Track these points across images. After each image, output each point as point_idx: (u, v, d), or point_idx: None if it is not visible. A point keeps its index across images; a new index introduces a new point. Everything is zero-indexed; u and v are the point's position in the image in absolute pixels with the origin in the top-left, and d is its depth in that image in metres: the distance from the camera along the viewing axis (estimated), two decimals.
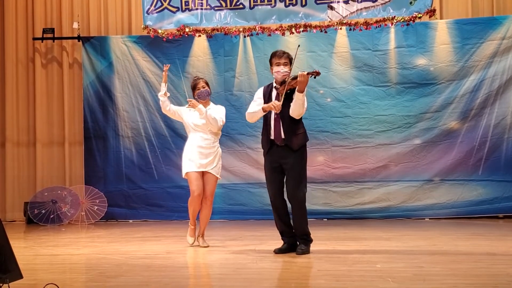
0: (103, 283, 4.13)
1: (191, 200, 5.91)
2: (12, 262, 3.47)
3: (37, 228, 8.56)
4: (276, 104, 5.22)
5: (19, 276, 3.52)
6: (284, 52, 5.40)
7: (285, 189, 5.40)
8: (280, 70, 5.33)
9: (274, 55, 5.42)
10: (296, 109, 5.24)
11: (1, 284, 3.45)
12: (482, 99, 8.73)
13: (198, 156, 5.87)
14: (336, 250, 5.50)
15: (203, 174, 5.91)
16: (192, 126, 6.00)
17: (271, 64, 5.45)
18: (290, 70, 5.36)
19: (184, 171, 5.95)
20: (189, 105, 5.96)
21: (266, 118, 5.41)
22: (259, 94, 5.52)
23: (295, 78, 5.17)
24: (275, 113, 5.30)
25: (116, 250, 5.91)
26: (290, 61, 5.39)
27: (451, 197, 8.74)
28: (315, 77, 5.21)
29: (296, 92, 5.18)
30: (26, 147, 9.77)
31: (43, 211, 8.98)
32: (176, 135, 9.19)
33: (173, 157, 9.13)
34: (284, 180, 5.39)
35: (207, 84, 6.08)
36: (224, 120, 6.06)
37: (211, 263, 5.09)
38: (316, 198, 8.76)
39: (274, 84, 5.42)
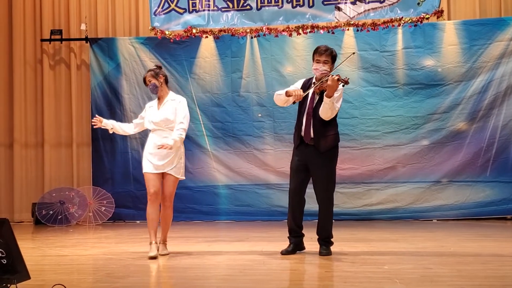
0: (110, 284, 4.14)
1: (149, 202, 5.50)
2: (20, 262, 3.49)
3: (44, 229, 8.59)
4: (298, 93, 5.17)
5: (26, 276, 3.53)
6: (326, 49, 5.26)
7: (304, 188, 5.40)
8: (319, 68, 5.26)
9: (316, 51, 5.31)
10: (323, 112, 5.16)
11: (9, 285, 3.47)
12: (490, 100, 8.69)
13: (156, 157, 5.45)
14: (343, 252, 5.49)
15: (162, 175, 5.53)
16: (150, 124, 5.57)
17: (312, 59, 5.34)
18: (331, 68, 5.27)
19: (142, 170, 5.59)
20: None
21: (299, 114, 5.37)
22: (298, 84, 5.46)
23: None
24: (307, 111, 5.25)
25: (124, 251, 5.92)
26: (332, 58, 5.28)
27: (459, 199, 8.70)
28: (343, 86, 5.09)
29: (324, 95, 5.10)
30: (34, 148, 9.78)
31: (51, 212, 9.00)
32: None
33: None
34: (311, 179, 5.36)
35: (155, 76, 5.52)
36: (188, 115, 5.55)
37: (217, 264, 5.09)
38: None
39: (314, 80, 5.34)
